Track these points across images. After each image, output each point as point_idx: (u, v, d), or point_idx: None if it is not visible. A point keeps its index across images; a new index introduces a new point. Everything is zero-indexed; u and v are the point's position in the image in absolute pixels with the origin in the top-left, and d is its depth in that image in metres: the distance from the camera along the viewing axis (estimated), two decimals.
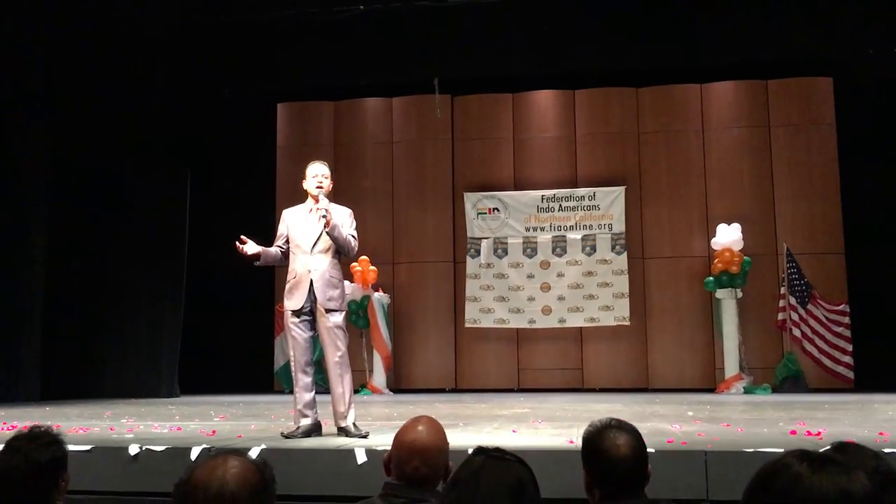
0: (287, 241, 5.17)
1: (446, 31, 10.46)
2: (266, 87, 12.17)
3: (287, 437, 4.84)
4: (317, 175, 5.18)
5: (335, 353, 5.04)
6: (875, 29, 10.05)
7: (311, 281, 5.02)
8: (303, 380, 5.06)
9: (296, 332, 5.04)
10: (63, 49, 10.25)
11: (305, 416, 4.98)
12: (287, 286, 5.13)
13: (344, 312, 5.15)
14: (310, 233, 5.10)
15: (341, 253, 5.16)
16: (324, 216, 4.98)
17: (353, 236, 5.16)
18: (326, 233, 5.02)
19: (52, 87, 10.40)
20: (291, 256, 5.15)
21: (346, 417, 4.96)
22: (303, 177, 5.28)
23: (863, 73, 11.27)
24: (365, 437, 4.80)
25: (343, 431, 4.93)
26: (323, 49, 10.78)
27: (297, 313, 5.04)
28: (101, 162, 10.91)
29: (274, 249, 5.22)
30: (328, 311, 5.02)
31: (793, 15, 10.02)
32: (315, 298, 5.02)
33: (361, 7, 10.00)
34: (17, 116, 10.09)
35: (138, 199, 11.07)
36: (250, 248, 5.14)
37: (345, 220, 5.16)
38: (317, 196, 5.13)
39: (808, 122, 11.83)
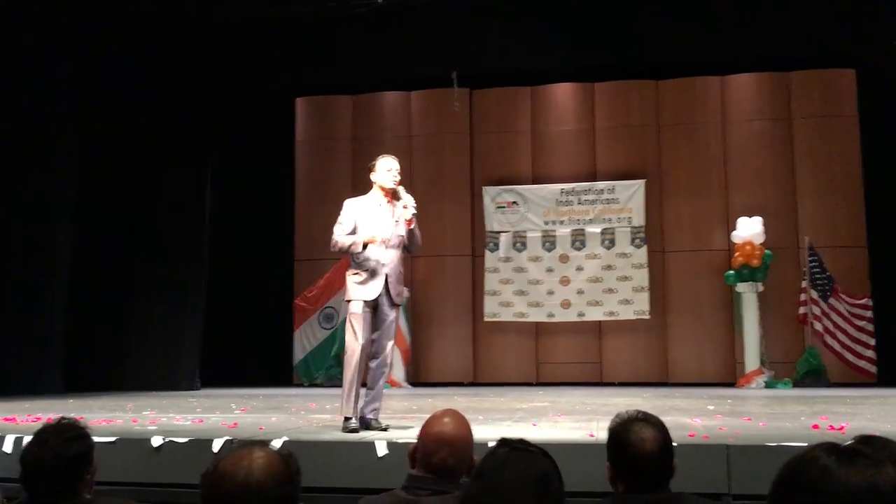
0: (354, 232, 5.09)
1: (464, 25, 10.46)
2: (285, 81, 12.22)
3: (353, 430, 4.75)
4: (391, 169, 5.18)
5: (390, 347, 5.09)
6: None
7: (386, 275, 5.02)
8: (363, 372, 5.01)
9: (367, 322, 4.99)
10: (85, 47, 10.33)
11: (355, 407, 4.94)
12: (358, 278, 5.02)
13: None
14: (385, 226, 5.08)
15: (408, 248, 5.20)
16: (414, 213, 5.05)
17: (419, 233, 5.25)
18: (409, 230, 5.07)
19: (75, 84, 10.48)
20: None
21: (376, 410, 4.98)
22: (370, 169, 5.24)
23: (886, 65, 11.14)
24: (385, 430, 4.81)
25: (364, 423, 4.94)
26: (342, 43, 10.81)
27: (369, 304, 4.99)
28: (124, 158, 10.99)
29: None
30: (394, 305, 5.07)
31: (815, 7, 9.94)
32: (388, 292, 5.03)
33: (380, 1, 10.01)
34: (42, 110, 10.18)
35: (160, 194, 11.14)
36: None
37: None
38: (391, 190, 5.14)
39: (831, 114, 11.72)
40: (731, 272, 11.16)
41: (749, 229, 11.13)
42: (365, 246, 5.00)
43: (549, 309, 12.04)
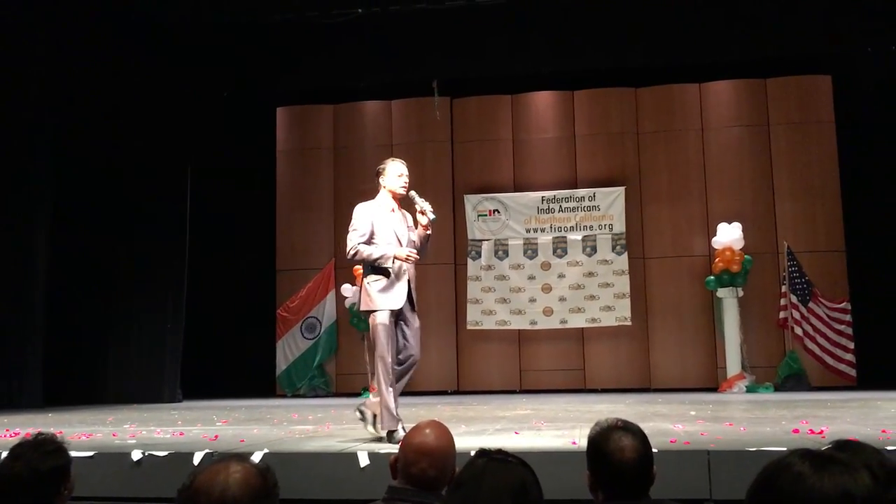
0: (371, 237, 4.95)
1: (444, 34, 10.47)
2: (266, 91, 12.19)
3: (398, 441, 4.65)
4: (402, 174, 5.11)
5: (419, 354, 4.94)
6: (873, 27, 10.07)
7: (408, 281, 4.90)
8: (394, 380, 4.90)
9: (393, 332, 4.84)
10: (63, 53, 10.25)
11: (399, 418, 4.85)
12: (380, 285, 4.86)
13: None
14: (400, 232, 4.99)
15: (418, 254, 5.06)
16: (432, 219, 4.96)
17: None
18: (426, 234, 5.00)
19: (53, 91, 10.39)
20: None
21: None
22: (378, 173, 5.14)
23: (861, 70, 11.27)
24: (362, 419, 4.79)
25: (361, 412, 4.85)
26: (322, 52, 10.79)
27: (395, 312, 4.85)
28: (103, 168, 10.92)
29: None
30: (414, 311, 4.94)
31: (791, 13, 10.04)
32: (411, 298, 4.92)
33: (360, 10, 10.01)
34: (19, 123, 10.09)
35: (139, 205, 11.07)
36: None
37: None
38: (402, 196, 5.06)
39: (808, 120, 11.83)
40: (712, 278, 11.22)
41: (729, 235, 11.20)
42: (394, 261, 4.86)
43: (532, 316, 12.06)
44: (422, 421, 2.42)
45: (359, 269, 11.60)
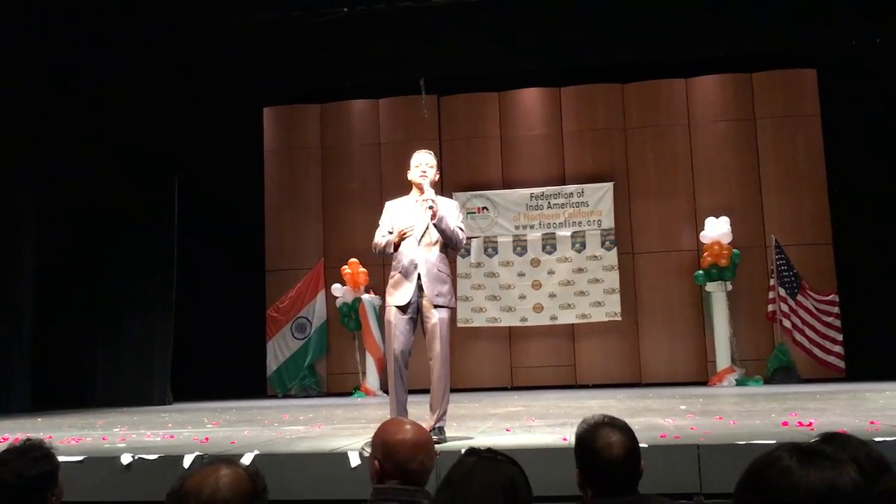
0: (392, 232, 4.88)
1: (431, 32, 10.46)
2: (252, 91, 12.15)
3: None
4: (420, 164, 4.89)
5: (441, 351, 4.81)
6: (857, 20, 10.11)
7: (419, 275, 4.77)
8: (405, 378, 4.87)
9: (401, 328, 4.79)
10: (48, 57, 10.19)
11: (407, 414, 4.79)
12: (391, 280, 4.85)
13: (451, 310, 4.89)
14: (416, 225, 4.83)
15: (449, 246, 4.90)
16: (430, 207, 4.70)
17: (460, 228, 4.88)
18: (433, 224, 4.73)
19: (39, 93, 10.33)
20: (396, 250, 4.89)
21: (441, 418, 4.79)
22: (407, 167, 4.99)
23: (846, 64, 11.32)
24: (443, 442, 4.57)
25: (435, 432, 4.77)
26: (308, 51, 10.77)
27: (402, 309, 4.78)
28: (90, 170, 10.85)
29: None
30: (436, 306, 4.77)
31: (776, 7, 10.07)
32: (422, 293, 4.77)
33: (346, 9, 9.98)
34: (4, 129, 10.02)
35: (126, 207, 11.00)
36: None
37: (451, 211, 4.87)
38: (421, 186, 4.84)
39: (793, 114, 11.89)
40: (700, 272, 11.26)
41: (716, 229, 11.25)
42: (397, 244, 4.77)
43: (522, 313, 12.07)
44: (386, 422, 2.42)
45: (345, 268, 11.70)
